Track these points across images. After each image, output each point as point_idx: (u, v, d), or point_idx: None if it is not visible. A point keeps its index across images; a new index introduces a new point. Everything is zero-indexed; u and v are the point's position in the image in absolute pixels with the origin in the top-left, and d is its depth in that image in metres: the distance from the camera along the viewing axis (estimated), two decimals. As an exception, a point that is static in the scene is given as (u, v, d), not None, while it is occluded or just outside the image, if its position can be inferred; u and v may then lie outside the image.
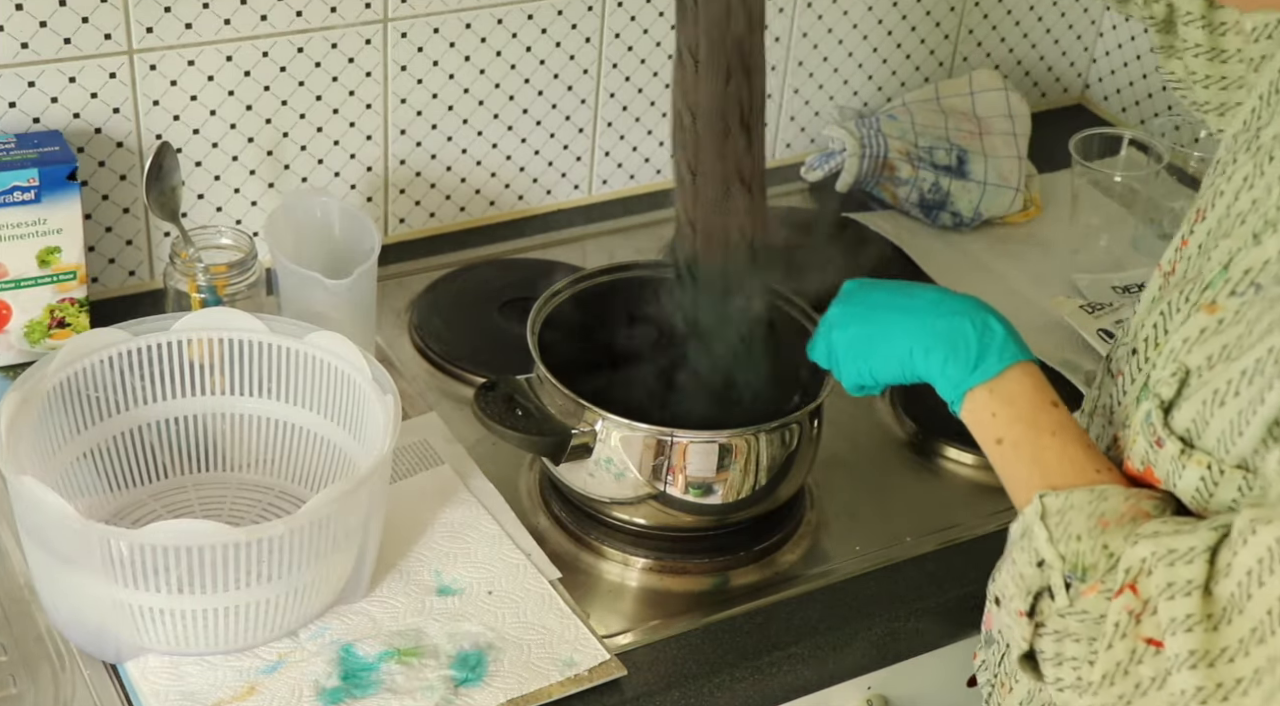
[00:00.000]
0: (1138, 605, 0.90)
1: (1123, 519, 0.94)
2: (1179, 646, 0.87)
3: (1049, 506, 0.97)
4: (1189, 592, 0.87)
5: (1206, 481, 0.94)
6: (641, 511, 1.30)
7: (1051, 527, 0.96)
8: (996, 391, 1.04)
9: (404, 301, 1.61)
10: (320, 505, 1.11)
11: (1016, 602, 0.97)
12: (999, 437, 1.03)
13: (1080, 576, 0.94)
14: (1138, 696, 0.90)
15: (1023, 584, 0.97)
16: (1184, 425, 0.95)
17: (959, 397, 1.05)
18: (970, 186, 1.78)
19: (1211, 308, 0.98)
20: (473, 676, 1.16)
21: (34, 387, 1.20)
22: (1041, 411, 1.03)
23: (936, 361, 1.06)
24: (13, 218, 1.38)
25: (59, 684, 1.14)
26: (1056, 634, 0.96)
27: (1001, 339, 1.05)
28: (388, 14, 1.58)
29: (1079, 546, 0.94)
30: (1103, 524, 0.95)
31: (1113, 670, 0.91)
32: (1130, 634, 0.90)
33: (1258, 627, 0.85)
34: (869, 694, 1.34)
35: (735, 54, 1.19)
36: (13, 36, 1.42)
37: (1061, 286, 1.72)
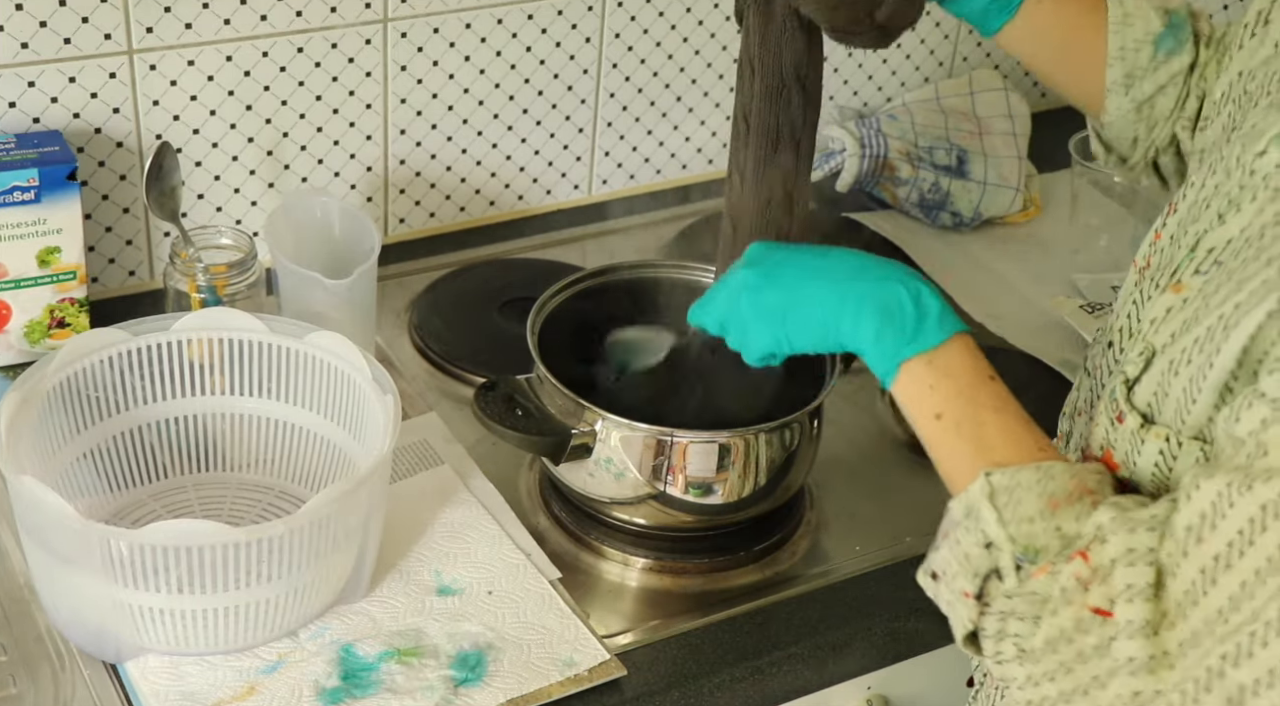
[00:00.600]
0: (1087, 573, 0.89)
1: (1071, 497, 0.93)
2: (1132, 613, 0.86)
3: (996, 485, 0.93)
4: (1150, 560, 0.87)
5: (1165, 455, 0.93)
6: (641, 511, 1.30)
7: (1000, 508, 0.93)
8: (935, 363, 0.99)
9: (404, 301, 1.61)
10: (320, 505, 1.11)
11: (962, 583, 0.95)
12: (938, 412, 0.99)
13: (1032, 558, 0.92)
14: (1078, 663, 0.89)
15: (969, 565, 0.94)
16: (1145, 400, 0.95)
17: (894, 368, 1.00)
18: (970, 186, 1.78)
19: (1177, 287, 0.98)
20: (473, 676, 1.16)
21: (34, 387, 1.20)
22: (982, 386, 0.99)
23: (869, 330, 1.00)
24: (13, 218, 1.38)
25: (59, 684, 1.14)
26: (1001, 613, 0.93)
27: (939, 308, 1.00)
28: (388, 14, 1.58)
29: (1031, 529, 0.92)
30: (1053, 504, 0.92)
31: (1056, 637, 0.90)
32: (1077, 601, 0.89)
33: (1191, 589, 0.84)
34: (869, 694, 1.34)
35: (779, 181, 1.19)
36: (13, 36, 1.42)
37: (1061, 286, 1.72)
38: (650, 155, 1.82)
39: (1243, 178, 0.97)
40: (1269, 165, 0.94)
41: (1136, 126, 1.23)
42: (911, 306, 1.00)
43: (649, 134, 1.81)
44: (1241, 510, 0.82)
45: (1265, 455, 0.83)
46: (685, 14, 1.75)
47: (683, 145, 1.83)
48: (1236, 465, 0.85)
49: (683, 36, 1.76)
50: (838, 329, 1.02)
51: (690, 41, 1.77)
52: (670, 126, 1.82)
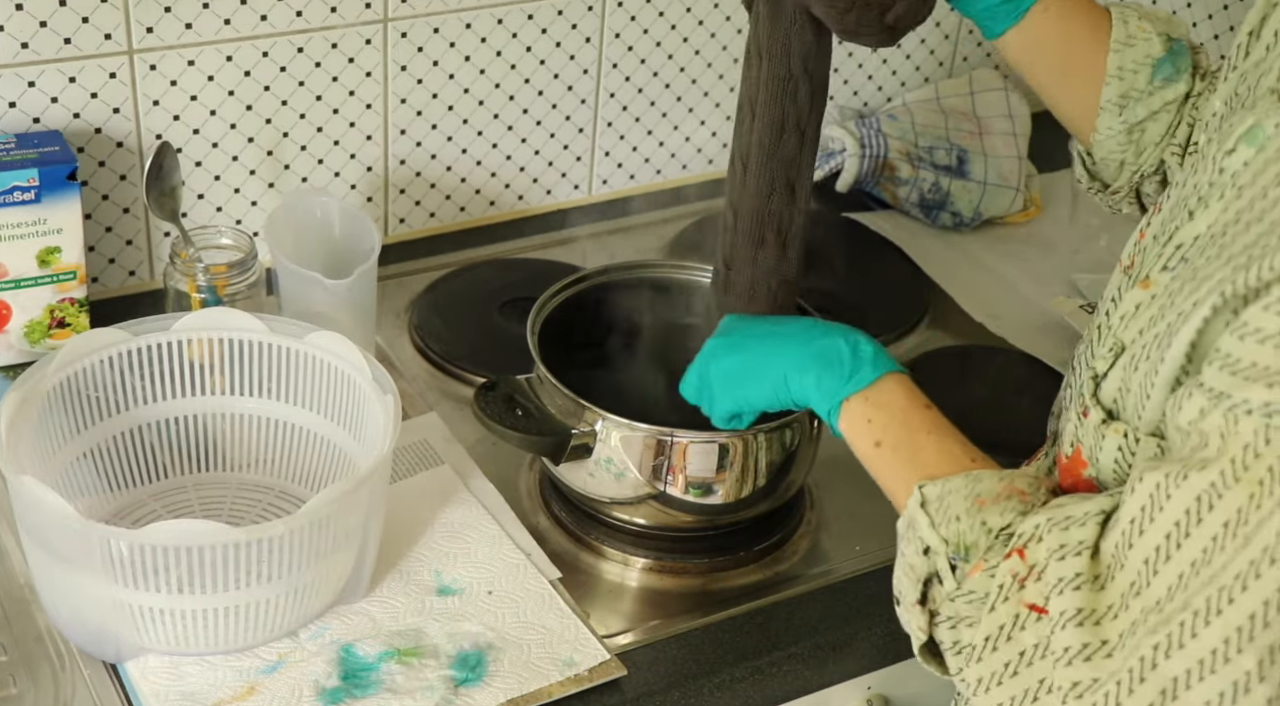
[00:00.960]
0: (1023, 569, 0.91)
1: (998, 497, 0.97)
2: (1064, 604, 0.88)
3: (928, 495, 0.99)
4: (1079, 553, 0.89)
5: (1124, 451, 0.95)
6: (641, 511, 1.30)
7: (932, 513, 0.97)
8: (870, 398, 1.06)
9: (404, 301, 1.61)
10: (320, 505, 1.11)
11: (910, 594, 0.99)
12: (877, 441, 1.05)
13: (964, 556, 0.95)
14: (1023, 665, 0.91)
15: (912, 574, 0.98)
16: (1110, 396, 0.97)
17: (835, 407, 1.07)
18: (970, 186, 1.78)
19: (1145, 283, 1.00)
20: (473, 676, 1.16)
21: (34, 387, 1.20)
22: (915, 412, 1.05)
23: (811, 380, 1.08)
24: (13, 218, 1.39)
25: (59, 684, 1.14)
26: (950, 620, 0.97)
27: (873, 353, 1.08)
28: (388, 14, 1.58)
29: (959, 527, 0.96)
30: (979, 503, 0.96)
31: (995, 633, 0.92)
32: (1013, 598, 0.91)
33: (1135, 580, 0.86)
34: (869, 694, 1.34)
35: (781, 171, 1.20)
36: (13, 36, 1.42)
37: (1061, 286, 1.72)
38: (650, 155, 1.82)
39: (1213, 175, 0.97)
40: (1237, 163, 0.95)
41: (1125, 150, 1.24)
42: (848, 353, 1.08)
43: (649, 134, 1.81)
44: (1178, 501, 0.84)
45: (1204, 445, 0.85)
46: (685, 14, 1.75)
47: (683, 145, 1.83)
48: (1178, 456, 0.86)
49: (683, 36, 1.76)
50: (786, 385, 1.11)
51: (690, 41, 1.77)
52: (670, 126, 1.82)
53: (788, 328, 1.14)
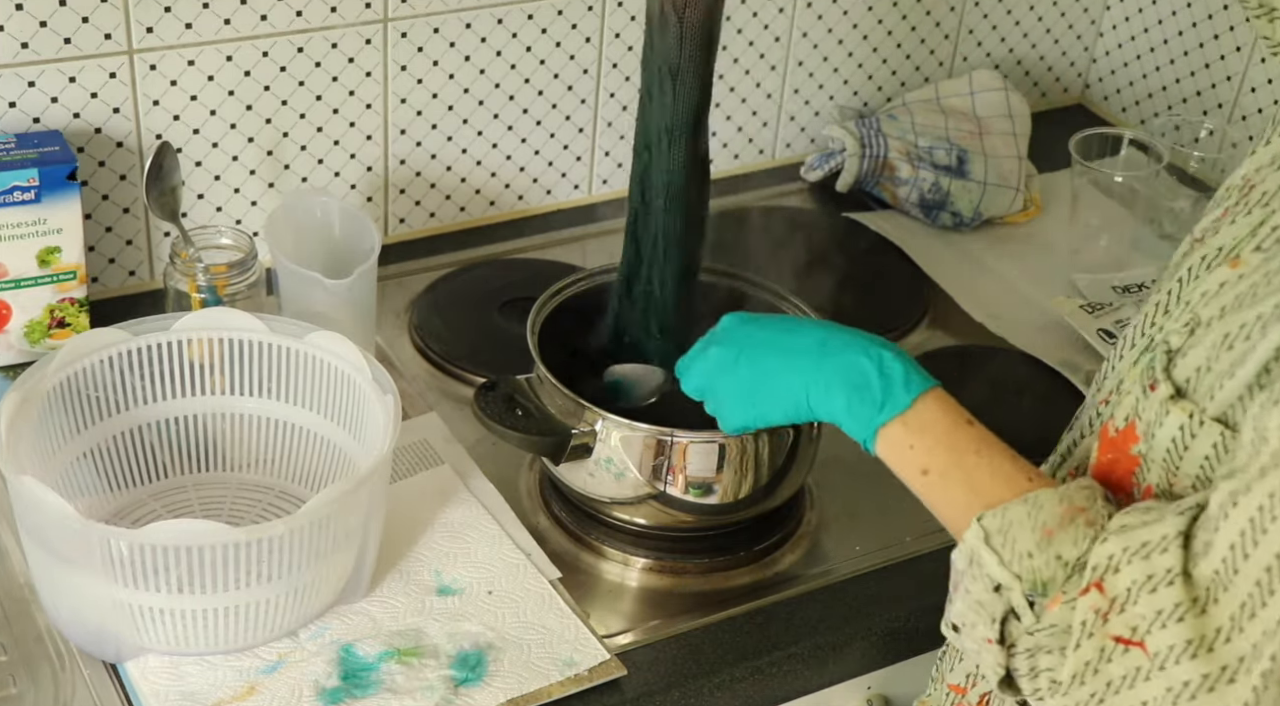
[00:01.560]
0: (1104, 603, 0.88)
1: (1063, 522, 0.93)
2: (1171, 638, 0.85)
3: (989, 528, 0.95)
4: (1170, 581, 0.86)
5: (1185, 431, 0.93)
6: (641, 511, 1.30)
7: (998, 549, 0.94)
8: (909, 423, 1.02)
9: (404, 301, 1.61)
10: (320, 505, 1.11)
11: (982, 631, 0.95)
12: (924, 468, 1.01)
13: (1042, 591, 0.92)
14: (1110, 695, 0.88)
15: (984, 612, 0.95)
16: (1185, 374, 0.94)
17: (871, 436, 1.03)
18: (970, 186, 1.78)
19: (1235, 262, 0.96)
20: (473, 676, 1.16)
21: (34, 387, 1.20)
22: (959, 432, 1.01)
23: (839, 403, 1.04)
24: (13, 218, 1.39)
25: (59, 684, 1.14)
26: (1029, 651, 0.94)
27: (903, 372, 1.03)
28: (388, 14, 1.58)
29: (1032, 563, 0.93)
30: (1047, 533, 0.93)
31: (1082, 670, 0.89)
32: (1098, 633, 0.88)
33: (1247, 602, 0.83)
34: (869, 694, 1.34)
35: None
36: (13, 36, 1.42)
37: (1061, 286, 1.72)
38: (650, 155, 1.82)
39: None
40: None
41: None
42: (876, 375, 1.03)
43: (649, 134, 1.80)
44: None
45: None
46: (685, 14, 1.75)
47: (683, 145, 1.83)
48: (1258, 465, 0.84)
49: (683, 36, 1.76)
50: (807, 404, 1.07)
51: (690, 41, 1.77)
52: (670, 126, 1.81)
53: (800, 338, 1.09)
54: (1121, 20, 2.03)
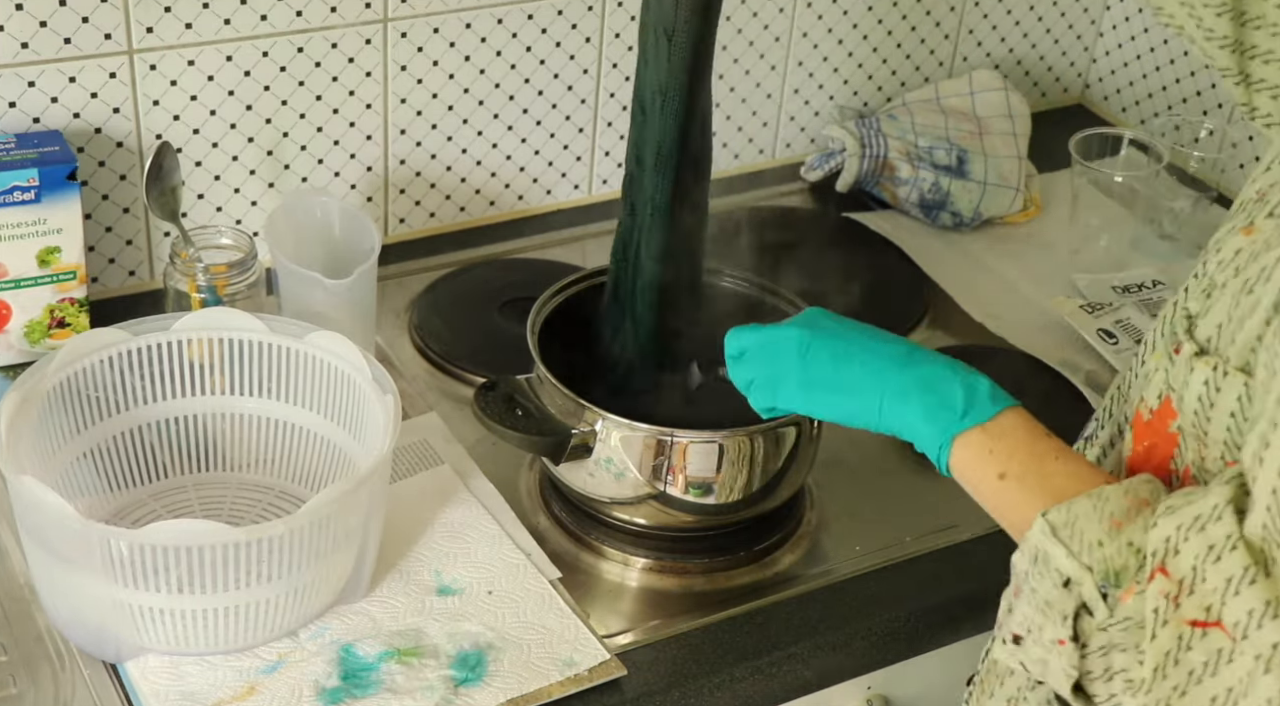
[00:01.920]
0: (1172, 587, 0.86)
1: (1130, 513, 0.91)
2: (1248, 603, 0.82)
3: (1055, 522, 0.92)
4: (1233, 546, 0.83)
5: (1210, 385, 0.91)
6: (641, 511, 1.30)
7: (1066, 541, 0.91)
8: (989, 430, 1.00)
9: (404, 301, 1.61)
10: (320, 505, 1.11)
11: (1050, 632, 0.92)
12: (1001, 472, 0.99)
13: (1114, 582, 0.89)
14: (1192, 685, 0.85)
15: (1053, 611, 0.91)
16: (1206, 333, 0.93)
17: (948, 443, 1.01)
18: (970, 186, 1.78)
19: (1249, 229, 0.95)
20: (473, 676, 1.16)
21: (34, 387, 1.20)
22: (1039, 440, 1.00)
23: (917, 409, 1.03)
24: (13, 218, 1.39)
25: (59, 684, 1.14)
26: (1102, 650, 0.90)
27: (989, 386, 1.02)
28: (388, 14, 1.58)
29: (1103, 552, 0.90)
30: (1115, 524, 0.90)
31: (1163, 661, 0.86)
32: (1172, 620, 0.85)
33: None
34: (869, 694, 1.34)
35: None
36: (13, 36, 1.42)
37: (1061, 286, 1.72)
38: (650, 155, 1.82)
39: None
40: None
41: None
42: (961, 386, 1.02)
43: (649, 134, 1.80)
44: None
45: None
46: (685, 14, 1.75)
47: (683, 145, 1.83)
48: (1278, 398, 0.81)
49: (683, 36, 1.76)
50: (879, 408, 1.05)
51: (690, 41, 1.77)
52: (670, 126, 1.81)
53: (887, 344, 1.08)
54: (1121, 20, 2.03)
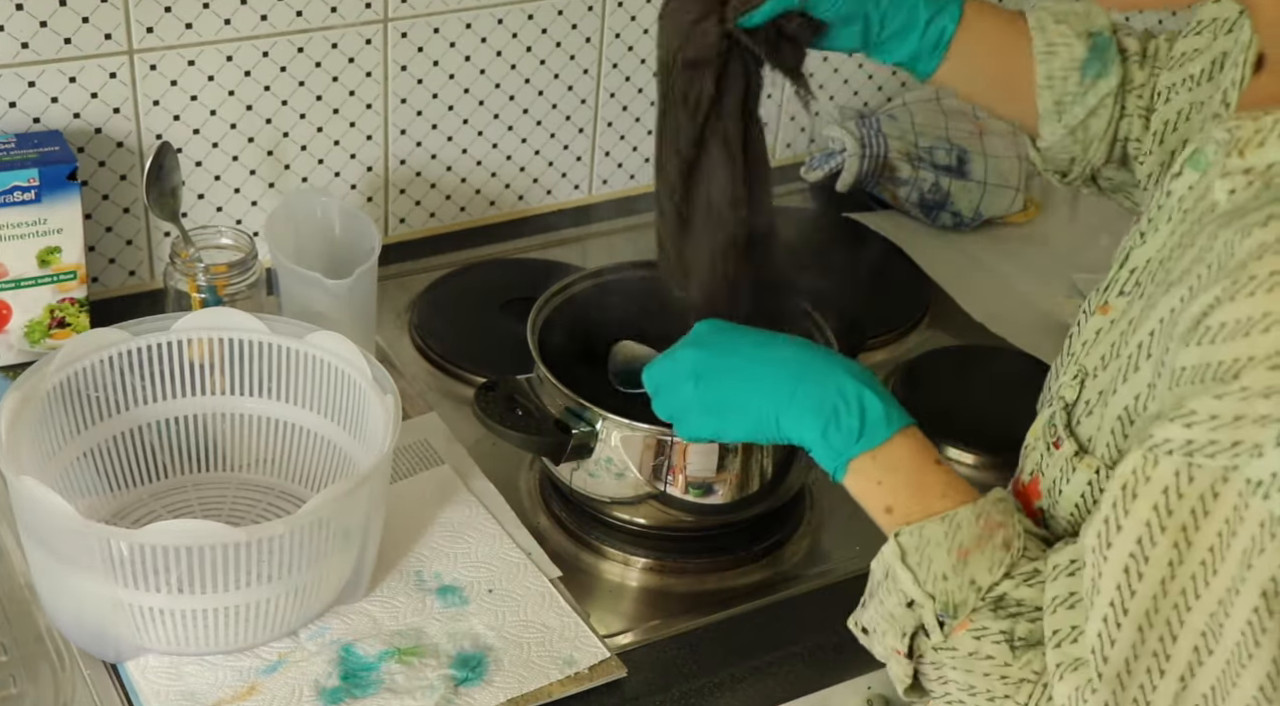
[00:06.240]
0: None
1: (980, 541, 0.95)
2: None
3: (906, 545, 0.96)
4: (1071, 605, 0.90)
5: (1093, 487, 0.95)
6: (641, 511, 1.30)
7: (913, 567, 0.96)
8: (879, 458, 1.01)
9: (404, 301, 1.61)
10: (320, 505, 1.11)
11: (890, 640, 0.98)
12: (888, 506, 1.01)
13: (953, 613, 0.94)
14: None
15: (895, 624, 0.97)
16: (1087, 433, 0.96)
17: (842, 466, 1.02)
18: (970, 186, 1.78)
19: (1104, 308, 0.99)
20: (473, 675, 1.16)
21: (34, 387, 1.20)
22: (927, 473, 1.01)
23: (812, 432, 1.02)
24: (13, 218, 1.39)
25: (59, 684, 1.14)
26: (935, 665, 0.97)
27: (882, 407, 1.02)
28: (388, 14, 1.58)
29: (946, 585, 0.95)
30: (963, 555, 0.95)
31: None
32: None
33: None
34: (869, 694, 1.34)
35: None
36: (13, 36, 1.42)
37: (1061, 286, 1.72)
38: (650, 155, 1.82)
39: (1160, 198, 0.97)
40: (1182, 187, 0.95)
41: (1072, 148, 1.24)
42: (856, 408, 1.02)
43: (649, 134, 1.80)
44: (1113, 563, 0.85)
45: None
46: (685, 14, 1.75)
47: (683, 145, 1.83)
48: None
49: (683, 36, 1.76)
50: (778, 429, 1.05)
51: (690, 41, 1.77)
52: (670, 126, 1.81)
53: (778, 355, 1.06)
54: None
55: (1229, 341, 0.79)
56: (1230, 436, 0.79)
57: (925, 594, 0.95)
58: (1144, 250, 0.97)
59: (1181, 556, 0.82)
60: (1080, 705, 0.87)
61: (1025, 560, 0.94)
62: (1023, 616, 0.93)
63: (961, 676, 0.95)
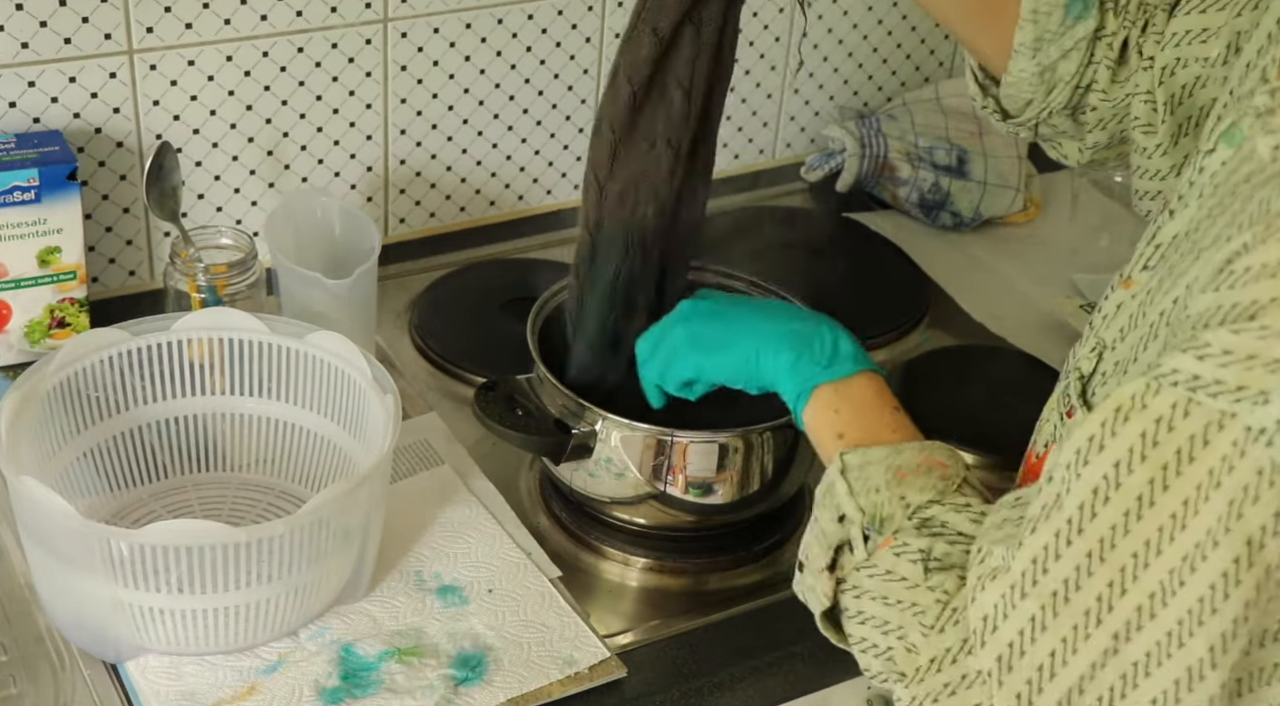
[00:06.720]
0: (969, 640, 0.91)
1: (918, 469, 0.98)
2: None
3: (849, 463, 1.00)
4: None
5: None
6: (641, 511, 1.30)
7: (851, 481, 0.99)
8: (841, 390, 1.07)
9: (404, 301, 1.61)
10: (320, 505, 1.11)
11: (816, 558, 1.00)
12: (840, 432, 1.06)
13: (878, 528, 0.96)
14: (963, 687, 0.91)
15: (825, 540, 0.99)
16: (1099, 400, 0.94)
17: (807, 392, 1.07)
18: (970, 186, 1.78)
19: (1128, 283, 0.99)
20: (473, 675, 1.16)
21: (34, 387, 1.20)
22: (884, 413, 1.06)
23: (786, 360, 1.09)
24: (13, 218, 1.39)
25: (59, 684, 1.14)
26: (855, 589, 0.98)
27: (854, 348, 1.09)
28: (388, 14, 1.58)
29: (877, 498, 0.97)
30: (900, 475, 0.98)
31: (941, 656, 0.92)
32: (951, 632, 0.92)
33: None
34: (869, 694, 1.34)
35: None
36: (13, 36, 1.42)
37: (1061, 286, 1.72)
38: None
39: (1193, 175, 0.97)
40: (1215, 163, 0.94)
41: (1035, 89, 1.23)
42: (830, 343, 1.09)
43: (649, 134, 1.80)
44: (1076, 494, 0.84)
45: None
46: (685, 14, 1.75)
47: (683, 145, 1.83)
48: None
49: (683, 36, 1.76)
50: (756, 362, 1.12)
51: (690, 41, 1.77)
52: (670, 126, 1.81)
53: (769, 305, 1.15)
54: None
55: (1254, 283, 0.78)
56: (1238, 378, 0.77)
57: (856, 506, 0.98)
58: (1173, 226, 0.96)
59: (1153, 496, 0.80)
60: (1007, 611, 0.85)
61: (958, 494, 0.97)
62: (943, 537, 0.95)
63: (878, 608, 0.96)
